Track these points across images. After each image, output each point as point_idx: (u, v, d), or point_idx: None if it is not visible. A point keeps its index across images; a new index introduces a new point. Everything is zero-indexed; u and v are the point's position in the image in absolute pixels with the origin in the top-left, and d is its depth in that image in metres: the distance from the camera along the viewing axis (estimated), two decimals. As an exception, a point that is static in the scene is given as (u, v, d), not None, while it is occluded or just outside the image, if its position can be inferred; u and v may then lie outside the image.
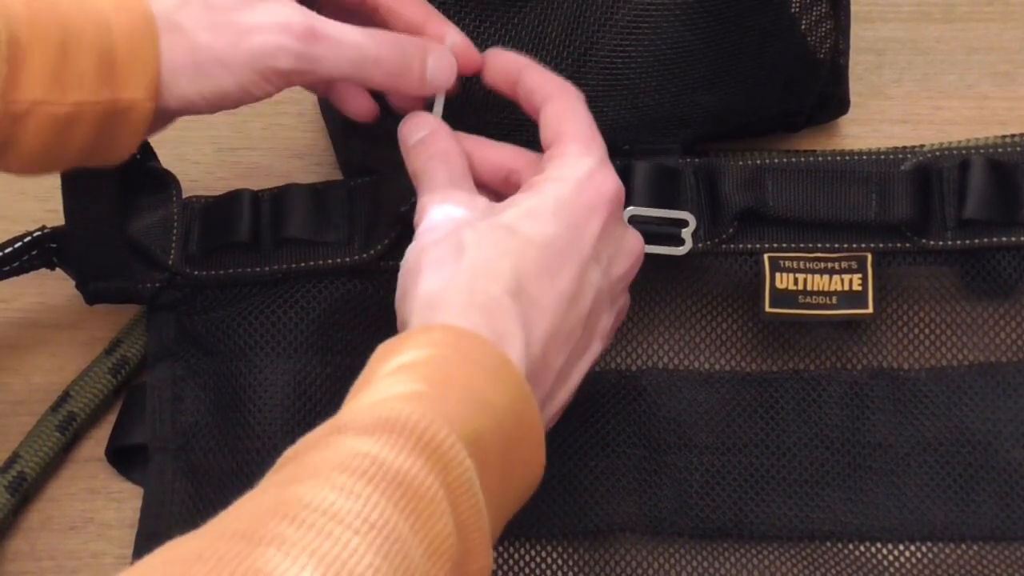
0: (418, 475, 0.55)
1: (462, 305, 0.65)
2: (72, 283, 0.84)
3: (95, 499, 0.84)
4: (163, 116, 0.72)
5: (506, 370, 0.63)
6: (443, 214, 0.71)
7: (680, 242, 0.81)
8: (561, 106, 0.74)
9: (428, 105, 0.77)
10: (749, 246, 0.82)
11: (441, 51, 0.76)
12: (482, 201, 0.72)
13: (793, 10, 0.83)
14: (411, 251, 0.70)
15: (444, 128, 0.75)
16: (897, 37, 0.95)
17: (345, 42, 0.72)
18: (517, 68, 0.76)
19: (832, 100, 0.89)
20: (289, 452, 0.58)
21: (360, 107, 0.79)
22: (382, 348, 0.64)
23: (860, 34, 0.88)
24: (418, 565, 0.54)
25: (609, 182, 0.71)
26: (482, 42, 0.80)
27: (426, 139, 0.75)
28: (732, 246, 0.82)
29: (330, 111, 0.85)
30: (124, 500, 0.83)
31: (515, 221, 0.68)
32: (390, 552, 0.52)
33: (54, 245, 0.82)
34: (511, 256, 0.67)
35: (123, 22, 0.69)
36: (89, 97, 0.68)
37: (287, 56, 0.71)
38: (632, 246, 0.73)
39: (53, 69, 0.67)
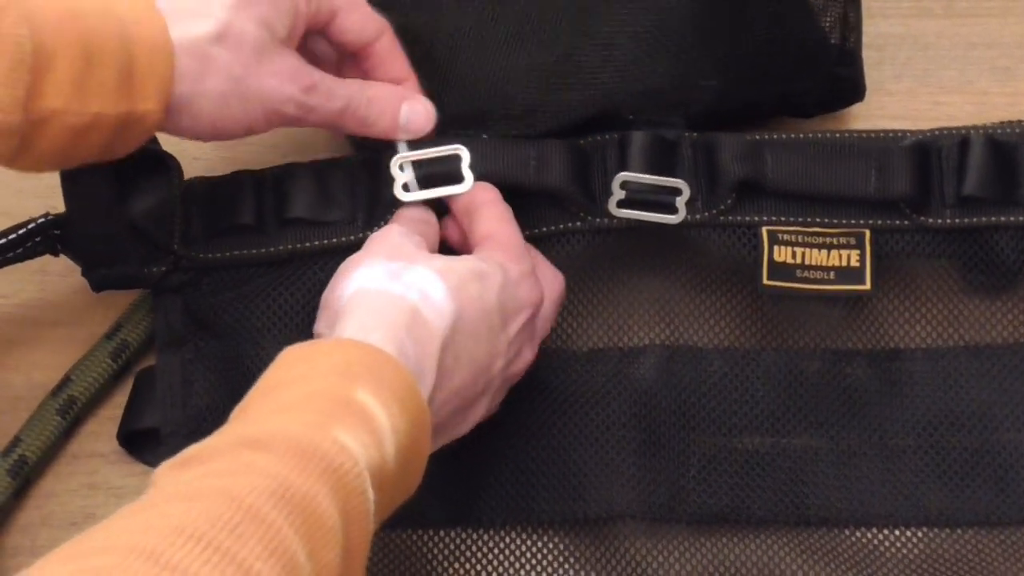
0: (322, 503, 0.57)
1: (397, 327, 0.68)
2: (73, 279, 0.84)
3: (95, 495, 0.84)
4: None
5: (413, 400, 0.65)
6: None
7: (675, 211, 0.80)
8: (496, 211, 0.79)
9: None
10: (747, 219, 0.81)
11: (417, 100, 0.81)
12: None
13: None
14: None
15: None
16: (897, 33, 0.96)
17: (336, 95, 0.78)
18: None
19: (845, 84, 0.88)
20: (196, 449, 0.59)
21: None
22: (294, 354, 0.66)
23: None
24: None
25: (537, 289, 0.76)
26: (488, 20, 0.82)
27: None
28: (730, 218, 0.81)
29: None
30: (124, 495, 0.83)
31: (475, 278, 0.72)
32: None
33: (57, 232, 0.82)
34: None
35: (143, 36, 0.72)
36: (108, 109, 0.71)
37: (292, 104, 0.76)
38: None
39: (77, 80, 0.70)
